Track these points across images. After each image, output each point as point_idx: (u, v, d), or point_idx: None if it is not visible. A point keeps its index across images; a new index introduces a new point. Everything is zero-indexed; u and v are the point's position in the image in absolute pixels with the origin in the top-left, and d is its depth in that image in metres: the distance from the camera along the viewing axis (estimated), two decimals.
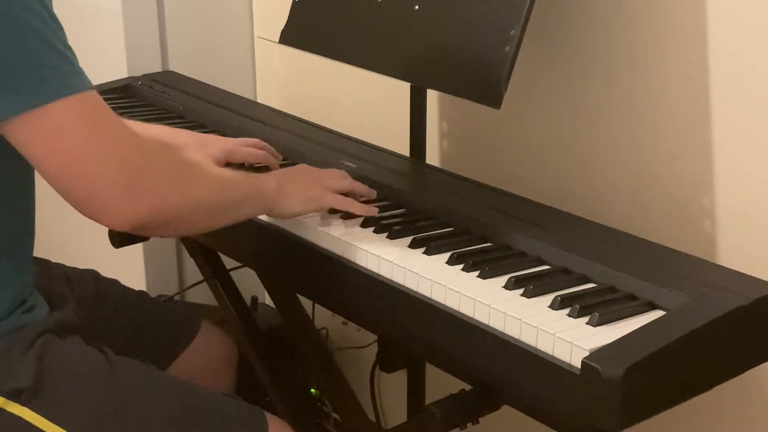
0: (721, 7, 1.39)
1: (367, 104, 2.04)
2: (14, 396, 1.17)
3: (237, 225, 1.30)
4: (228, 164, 1.52)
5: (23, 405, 1.17)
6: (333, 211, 1.38)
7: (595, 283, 1.19)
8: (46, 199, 1.28)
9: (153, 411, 1.24)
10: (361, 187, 1.41)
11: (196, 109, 1.87)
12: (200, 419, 1.27)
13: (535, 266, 1.24)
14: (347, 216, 1.37)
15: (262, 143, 1.56)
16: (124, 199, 1.10)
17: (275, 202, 1.31)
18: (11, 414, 1.17)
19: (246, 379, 1.72)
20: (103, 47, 2.19)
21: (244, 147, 1.54)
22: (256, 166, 1.55)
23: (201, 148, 1.50)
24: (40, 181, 1.24)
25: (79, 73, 1.11)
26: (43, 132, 1.08)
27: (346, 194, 1.38)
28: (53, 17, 1.11)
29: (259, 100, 2.33)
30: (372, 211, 1.36)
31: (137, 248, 2.13)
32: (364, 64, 1.61)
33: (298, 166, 1.45)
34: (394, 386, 2.04)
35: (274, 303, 1.88)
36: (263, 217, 1.38)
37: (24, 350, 1.20)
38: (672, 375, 1.04)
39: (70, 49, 1.12)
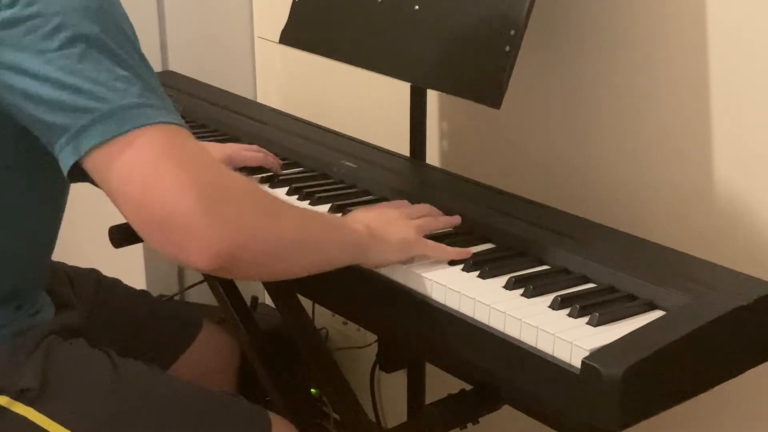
0: (721, 8, 1.39)
1: (367, 104, 2.04)
2: (20, 396, 1.18)
3: None
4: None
5: (28, 405, 1.18)
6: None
7: (595, 283, 1.19)
8: None
9: (157, 412, 1.25)
10: (446, 223, 1.31)
11: (196, 109, 1.87)
12: (204, 419, 1.27)
13: (535, 266, 1.24)
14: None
15: (261, 149, 1.56)
16: (207, 225, 1.02)
17: (367, 251, 1.20)
18: (16, 414, 1.17)
19: (246, 379, 1.72)
20: None
21: (244, 151, 1.54)
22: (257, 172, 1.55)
23: None
24: None
25: (166, 108, 1.09)
26: (121, 160, 1.05)
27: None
28: (144, 58, 1.12)
29: (259, 100, 2.33)
30: (467, 253, 1.25)
31: (137, 248, 2.12)
32: (364, 64, 1.61)
33: (383, 205, 1.33)
34: (394, 386, 2.04)
35: (274, 303, 1.88)
36: None
37: (29, 352, 1.21)
38: (672, 375, 1.04)
39: (161, 87, 1.12)
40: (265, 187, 1.49)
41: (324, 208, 1.39)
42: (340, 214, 1.35)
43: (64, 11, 1.05)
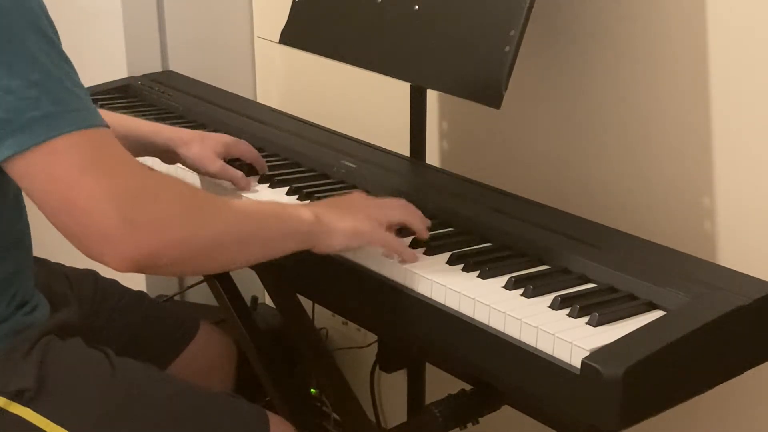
0: (721, 7, 1.39)
1: (367, 104, 2.04)
2: (17, 397, 1.17)
3: None
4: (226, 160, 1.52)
5: (25, 406, 1.17)
6: None
7: (595, 283, 1.19)
8: None
9: (155, 411, 1.24)
10: (415, 220, 1.28)
11: (196, 109, 1.87)
12: (202, 419, 1.27)
13: (535, 266, 1.24)
14: None
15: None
16: (123, 233, 1.05)
17: (314, 237, 1.21)
18: (13, 414, 1.17)
19: (246, 379, 1.72)
20: (103, 47, 2.19)
21: (241, 144, 1.54)
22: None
23: (201, 143, 1.49)
24: None
25: (83, 110, 1.08)
26: (39, 168, 1.06)
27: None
28: (62, 56, 1.10)
29: (259, 100, 2.33)
30: (415, 258, 1.24)
31: None
32: (364, 64, 1.61)
33: (350, 194, 1.34)
34: (394, 386, 2.04)
35: (274, 303, 1.88)
36: None
37: (26, 352, 1.20)
38: (672, 375, 1.04)
39: (79, 86, 1.11)
40: (252, 192, 1.49)
41: None
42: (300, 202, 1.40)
43: None
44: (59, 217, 1.07)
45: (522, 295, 1.15)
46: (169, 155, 1.52)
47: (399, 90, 1.69)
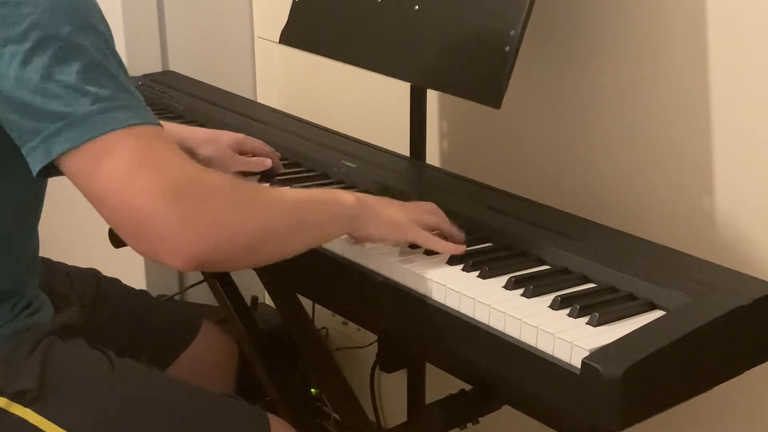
0: (720, 7, 1.39)
1: (367, 104, 2.04)
2: (18, 397, 1.17)
3: None
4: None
5: (26, 407, 1.17)
6: None
7: (595, 283, 1.19)
8: (46, 198, 1.28)
9: (155, 413, 1.24)
10: (449, 228, 1.28)
11: (196, 109, 1.87)
12: (203, 420, 1.27)
13: (535, 266, 1.24)
14: None
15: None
16: (180, 229, 1.04)
17: (357, 221, 1.21)
18: (15, 415, 1.17)
19: (246, 379, 1.72)
20: None
21: (253, 140, 1.55)
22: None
23: (216, 143, 1.50)
24: None
25: (137, 107, 1.08)
26: (93, 164, 1.05)
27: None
28: (115, 54, 1.10)
29: (259, 100, 2.33)
30: (460, 249, 1.25)
31: None
32: (364, 64, 1.61)
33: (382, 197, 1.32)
34: (394, 386, 2.04)
35: (274, 303, 1.88)
36: None
37: (28, 352, 1.20)
38: (672, 375, 1.04)
39: (131, 86, 1.11)
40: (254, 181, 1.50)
41: None
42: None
43: (36, 11, 1.04)
44: (116, 217, 1.06)
45: (522, 295, 1.15)
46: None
47: (399, 90, 1.69)
